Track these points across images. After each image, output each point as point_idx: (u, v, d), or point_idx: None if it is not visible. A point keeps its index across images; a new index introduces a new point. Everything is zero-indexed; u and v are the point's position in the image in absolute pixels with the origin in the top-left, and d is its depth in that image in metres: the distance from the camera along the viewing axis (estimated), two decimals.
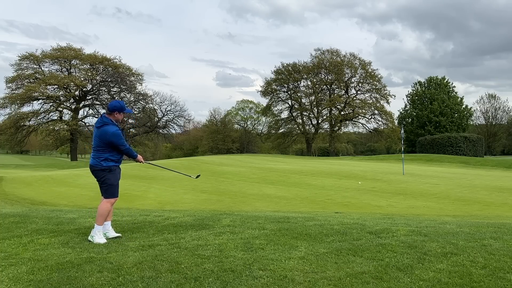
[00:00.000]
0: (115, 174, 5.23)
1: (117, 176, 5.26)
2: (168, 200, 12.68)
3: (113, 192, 5.23)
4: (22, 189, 15.83)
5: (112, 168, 5.18)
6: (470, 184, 16.12)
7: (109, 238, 5.13)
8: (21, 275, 3.71)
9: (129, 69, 58.26)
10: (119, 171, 5.36)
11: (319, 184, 16.36)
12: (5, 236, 5.36)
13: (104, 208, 5.15)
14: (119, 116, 5.25)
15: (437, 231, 5.16)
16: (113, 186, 5.20)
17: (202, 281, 3.44)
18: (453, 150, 43.34)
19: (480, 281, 3.33)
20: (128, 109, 5.37)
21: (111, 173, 5.17)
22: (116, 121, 5.24)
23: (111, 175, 5.17)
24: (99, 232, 5.02)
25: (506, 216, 9.01)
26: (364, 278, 3.43)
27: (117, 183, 5.27)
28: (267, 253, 4.21)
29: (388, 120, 56.49)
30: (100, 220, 5.09)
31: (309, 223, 5.88)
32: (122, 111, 5.27)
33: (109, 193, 5.20)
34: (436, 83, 56.45)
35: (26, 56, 52.62)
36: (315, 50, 64.24)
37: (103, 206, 5.16)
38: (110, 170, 5.16)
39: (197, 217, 6.65)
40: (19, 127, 54.18)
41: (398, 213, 9.61)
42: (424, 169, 24.34)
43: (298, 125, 61.41)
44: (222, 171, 21.86)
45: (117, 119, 5.25)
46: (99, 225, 5.06)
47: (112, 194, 5.22)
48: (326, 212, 9.36)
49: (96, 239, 4.95)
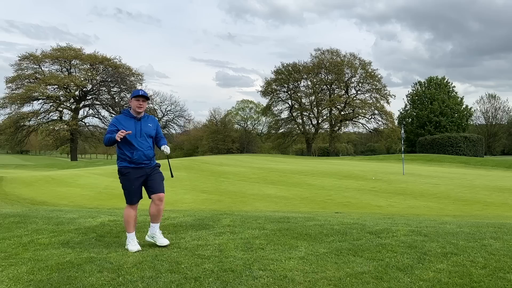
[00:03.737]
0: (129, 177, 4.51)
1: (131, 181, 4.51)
2: (168, 200, 12.65)
3: (126, 196, 4.62)
4: (22, 189, 15.82)
5: (122, 171, 4.54)
6: (470, 184, 16.12)
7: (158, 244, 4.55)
8: (21, 275, 3.71)
9: (129, 69, 58.35)
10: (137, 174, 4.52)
11: (319, 184, 16.35)
12: (5, 236, 5.35)
13: (124, 213, 4.67)
14: (132, 103, 4.59)
15: (437, 231, 5.16)
16: (126, 191, 4.59)
17: (202, 281, 3.44)
18: (453, 150, 43.33)
19: (480, 281, 3.33)
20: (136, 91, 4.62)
21: (123, 176, 4.55)
22: (134, 110, 4.56)
23: (123, 178, 4.56)
24: (131, 240, 4.52)
25: (506, 216, 9.00)
26: (364, 278, 3.43)
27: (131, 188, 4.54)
28: (267, 253, 4.21)
29: (388, 120, 56.49)
30: (126, 227, 4.61)
31: (309, 223, 5.88)
32: (132, 97, 4.64)
33: (125, 196, 4.65)
34: (436, 83, 56.43)
35: (26, 56, 52.70)
36: (315, 50, 64.27)
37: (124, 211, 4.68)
38: (121, 173, 4.56)
39: (197, 217, 6.65)
40: (19, 127, 54.22)
41: (398, 213, 9.61)
42: (424, 169, 24.34)
43: (298, 125, 61.40)
44: (222, 171, 21.86)
45: (133, 107, 4.59)
46: (127, 233, 4.58)
47: (126, 198, 4.63)
48: (326, 212, 9.36)
49: (127, 246, 4.49)
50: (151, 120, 4.70)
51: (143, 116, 4.63)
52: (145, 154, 4.53)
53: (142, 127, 4.54)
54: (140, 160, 4.50)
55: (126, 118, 4.56)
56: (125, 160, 4.49)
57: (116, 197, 13.40)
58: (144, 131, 4.55)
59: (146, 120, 4.63)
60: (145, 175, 4.56)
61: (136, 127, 4.52)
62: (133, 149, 4.47)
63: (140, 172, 4.52)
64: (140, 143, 4.51)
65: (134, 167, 4.49)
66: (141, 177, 4.54)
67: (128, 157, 4.47)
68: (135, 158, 4.47)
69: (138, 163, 4.49)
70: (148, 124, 4.61)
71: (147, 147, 4.56)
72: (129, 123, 4.52)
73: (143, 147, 4.52)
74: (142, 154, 4.50)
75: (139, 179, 4.53)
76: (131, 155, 4.46)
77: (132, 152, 4.46)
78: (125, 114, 4.60)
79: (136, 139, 4.49)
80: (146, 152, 4.54)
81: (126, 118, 4.56)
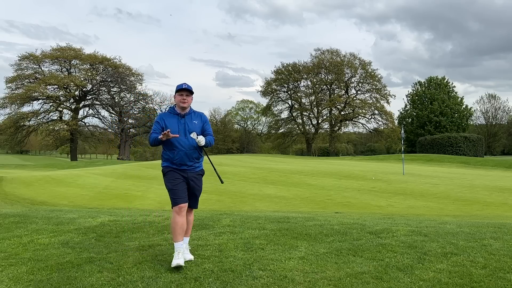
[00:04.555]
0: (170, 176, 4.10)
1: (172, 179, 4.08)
2: (168, 200, 12.64)
3: (171, 198, 4.11)
4: (22, 189, 15.82)
5: (164, 170, 4.17)
6: (470, 184, 16.12)
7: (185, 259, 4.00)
8: (21, 275, 3.71)
9: (129, 69, 58.36)
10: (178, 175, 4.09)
11: (319, 184, 16.35)
12: (5, 236, 5.35)
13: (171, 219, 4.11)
14: (175, 98, 4.18)
15: (437, 231, 5.16)
16: (169, 192, 4.12)
17: (202, 281, 3.44)
18: (453, 150, 43.35)
19: (480, 281, 3.33)
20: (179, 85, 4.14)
21: (165, 176, 4.16)
22: (178, 105, 4.15)
23: (165, 179, 4.15)
24: (177, 251, 3.88)
25: (506, 216, 9.00)
26: (364, 278, 3.43)
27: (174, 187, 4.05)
28: (267, 253, 4.21)
29: (388, 120, 56.55)
30: (172, 235, 4.04)
31: (309, 223, 5.88)
32: (175, 92, 4.17)
33: (170, 199, 4.12)
34: (436, 83, 56.43)
35: (26, 56, 52.71)
36: (315, 50, 64.47)
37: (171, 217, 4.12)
38: (163, 173, 4.20)
39: (197, 217, 6.65)
40: (19, 127, 54.26)
41: (398, 213, 9.61)
42: (424, 169, 24.34)
43: (298, 125, 61.45)
44: (222, 171, 21.72)
45: (177, 103, 4.16)
46: (174, 242, 3.99)
47: (171, 201, 4.10)
48: (326, 212, 9.36)
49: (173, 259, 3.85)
50: (197, 116, 4.24)
51: (188, 113, 4.19)
52: (187, 155, 4.07)
53: (186, 125, 4.10)
54: (182, 161, 4.06)
55: (169, 115, 4.16)
56: (167, 160, 4.12)
57: (116, 197, 13.41)
58: (188, 129, 4.09)
59: (192, 117, 4.18)
60: (186, 180, 4.12)
61: (180, 125, 4.09)
62: (175, 148, 4.05)
63: (181, 174, 4.09)
64: (183, 142, 4.05)
65: (176, 168, 4.09)
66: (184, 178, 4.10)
67: (168, 157, 4.10)
68: (177, 158, 4.05)
69: (179, 165, 4.08)
70: (193, 121, 4.15)
71: (189, 147, 4.07)
72: (172, 121, 4.10)
73: (185, 147, 4.06)
74: (184, 155, 4.05)
75: (181, 179, 4.09)
76: (172, 155, 4.06)
77: (174, 151, 4.05)
78: (170, 111, 4.22)
79: (178, 138, 4.04)
80: (188, 153, 4.07)
81: (169, 115, 4.16)
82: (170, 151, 4.07)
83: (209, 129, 4.28)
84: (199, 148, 4.14)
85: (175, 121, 4.10)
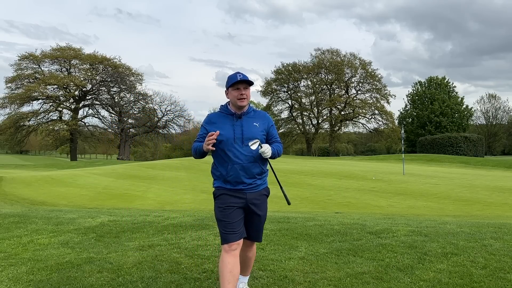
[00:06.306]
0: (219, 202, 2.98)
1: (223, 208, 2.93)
2: (168, 200, 12.66)
3: (220, 232, 2.98)
4: (22, 189, 15.81)
5: (215, 193, 3.04)
6: (470, 184, 16.11)
7: None
8: (20, 275, 3.70)
9: (129, 69, 58.41)
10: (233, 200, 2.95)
11: (319, 184, 16.34)
12: (5, 236, 5.35)
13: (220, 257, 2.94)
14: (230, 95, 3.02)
15: (437, 231, 5.15)
16: (218, 222, 2.97)
17: (202, 282, 3.43)
18: (453, 150, 43.34)
19: (480, 281, 3.32)
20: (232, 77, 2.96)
21: (215, 201, 3.04)
22: (233, 103, 3.01)
23: (215, 204, 3.03)
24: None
25: (507, 216, 8.99)
26: (364, 278, 3.43)
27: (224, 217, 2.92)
28: (267, 253, 4.21)
29: (388, 120, 56.57)
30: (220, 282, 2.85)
31: (309, 223, 5.87)
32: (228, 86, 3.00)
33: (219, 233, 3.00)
34: (437, 83, 56.44)
35: (26, 56, 52.72)
36: (315, 50, 64.46)
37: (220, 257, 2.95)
38: (214, 196, 3.07)
39: (197, 217, 6.64)
40: (19, 127, 54.27)
41: (398, 213, 9.60)
42: (425, 169, 24.34)
43: (298, 125, 61.47)
44: None
45: (232, 100, 3.02)
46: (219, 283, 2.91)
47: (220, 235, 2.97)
48: (326, 212, 9.35)
49: None
50: (259, 117, 3.10)
51: (246, 112, 3.05)
52: (245, 170, 2.95)
53: (243, 128, 2.98)
54: (238, 179, 2.94)
55: (221, 116, 3.06)
56: (219, 178, 3.01)
57: (115, 197, 13.40)
58: (246, 134, 2.97)
59: (251, 118, 3.05)
60: (244, 204, 2.98)
61: (235, 128, 2.97)
62: (227, 161, 2.94)
63: (237, 197, 2.96)
64: (239, 153, 2.93)
65: (231, 188, 2.96)
66: (240, 205, 2.97)
67: (220, 173, 3.00)
68: (231, 175, 2.94)
69: (234, 183, 2.95)
70: (253, 123, 3.03)
71: (248, 160, 2.95)
72: (224, 123, 3.00)
73: (243, 159, 2.94)
74: (240, 170, 2.93)
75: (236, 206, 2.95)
76: (225, 172, 2.95)
77: (226, 166, 2.95)
78: (222, 110, 3.10)
79: (232, 147, 2.94)
80: (246, 167, 2.95)
81: (221, 115, 3.06)
82: (221, 165, 2.98)
83: (276, 134, 3.21)
84: (262, 161, 3.05)
85: (229, 123, 2.99)
